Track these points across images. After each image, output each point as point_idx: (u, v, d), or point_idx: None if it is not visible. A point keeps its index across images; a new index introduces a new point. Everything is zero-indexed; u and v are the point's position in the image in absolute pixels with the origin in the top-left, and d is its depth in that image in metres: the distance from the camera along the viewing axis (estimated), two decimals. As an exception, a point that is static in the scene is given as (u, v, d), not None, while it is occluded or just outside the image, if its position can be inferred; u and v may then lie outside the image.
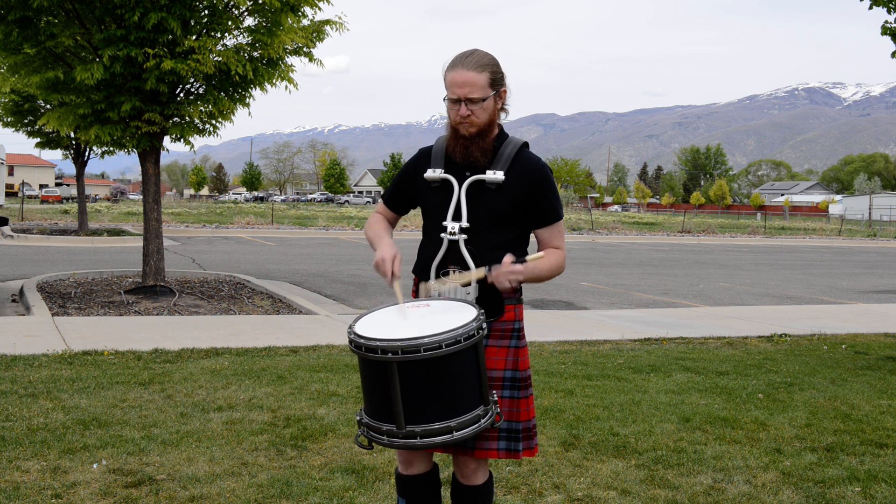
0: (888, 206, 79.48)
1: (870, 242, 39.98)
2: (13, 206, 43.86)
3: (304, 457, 4.47)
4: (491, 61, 2.88)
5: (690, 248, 29.99)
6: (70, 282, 12.43)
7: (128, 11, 9.68)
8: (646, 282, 16.56)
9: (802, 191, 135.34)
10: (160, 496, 3.83)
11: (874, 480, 4.35)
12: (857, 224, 67.57)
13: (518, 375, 2.93)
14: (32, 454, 4.33)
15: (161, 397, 5.63)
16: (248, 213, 44.54)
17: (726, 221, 63.90)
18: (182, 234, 28.05)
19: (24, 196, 39.28)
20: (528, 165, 2.93)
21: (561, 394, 6.10)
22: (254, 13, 10.70)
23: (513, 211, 2.91)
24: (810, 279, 18.60)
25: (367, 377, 2.72)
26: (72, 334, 8.03)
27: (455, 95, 2.84)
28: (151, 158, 11.12)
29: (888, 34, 8.86)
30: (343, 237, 29.69)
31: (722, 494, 4.10)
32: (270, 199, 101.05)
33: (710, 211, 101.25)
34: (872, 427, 5.44)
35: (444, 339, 2.55)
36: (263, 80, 10.78)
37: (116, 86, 10.27)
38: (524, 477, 4.28)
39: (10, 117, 22.89)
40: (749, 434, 5.20)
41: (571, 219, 46.45)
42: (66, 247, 21.09)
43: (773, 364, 7.67)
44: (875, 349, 8.79)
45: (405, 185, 3.10)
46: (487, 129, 2.90)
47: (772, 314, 11.74)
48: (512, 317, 2.93)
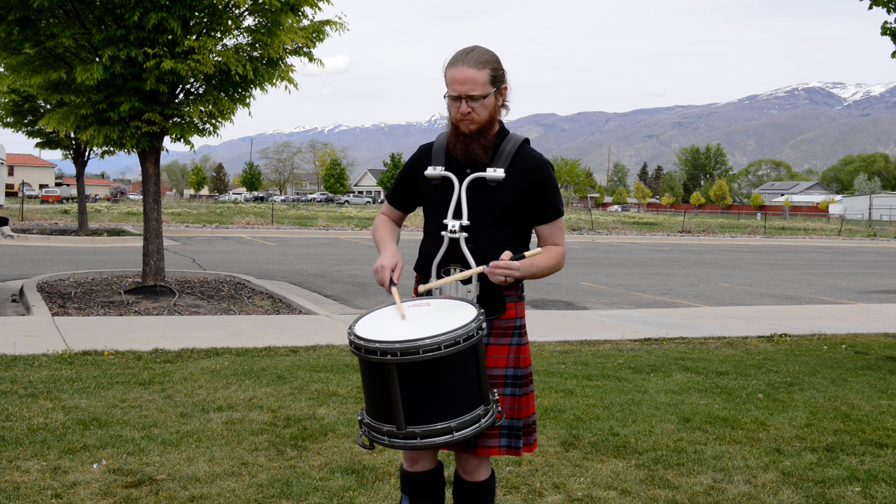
0: (888, 206, 79.46)
1: (870, 242, 39.97)
2: (13, 206, 43.86)
3: (304, 457, 4.47)
4: (492, 58, 2.87)
5: (690, 248, 29.99)
6: (70, 282, 12.43)
7: (128, 11, 9.68)
8: (646, 282, 16.56)
9: (802, 191, 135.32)
10: (160, 496, 3.83)
11: (874, 480, 4.35)
12: (857, 224, 67.56)
13: (519, 373, 2.92)
14: (32, 454, 4.33)
15: (161, 397, 5.63)
16: (248, 213, 44.54)
17: (726, 221, 63.89)
18: (182, 234, 28.05)
19: (24, 196, 39.27)
20: (529, 162, 2.92)
21: (561, 394, 6.10)
22: (254, 13, 10.70)
23: (514, 208, 2.90)
24: (810, 279, 18.60)
25: (367, 378, 2.72)
26: (72, 334, 8.04)
27: (456, 92, 2.83)
28: (151, 158, 11.12)
29: (888, 34, 8.86)
30: (343, 237, 29.68)
31: (722, 494, 4.10)
32: (270, 199, 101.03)
33: (710, 211, 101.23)
34: (872, 427, 5.44)
35: (443, 340, 2.54)
36: (263, 80, 10.79)
37: (116, 86, 10.27)
38: (524, 477, 4.28)
39: (10, 117, 22.90)
40: (749, 434, 5.19)
41: (571, 219, 46.44)
42: (66, 247, 21.09)
43: (773, 364, 7.67)
44: (875, 349, 8.79)
45: (407, 183, 3.10)
46: (488, 126, 2.89)
47: (772, 314, 11.74)
48: (513, 314, 2.93)
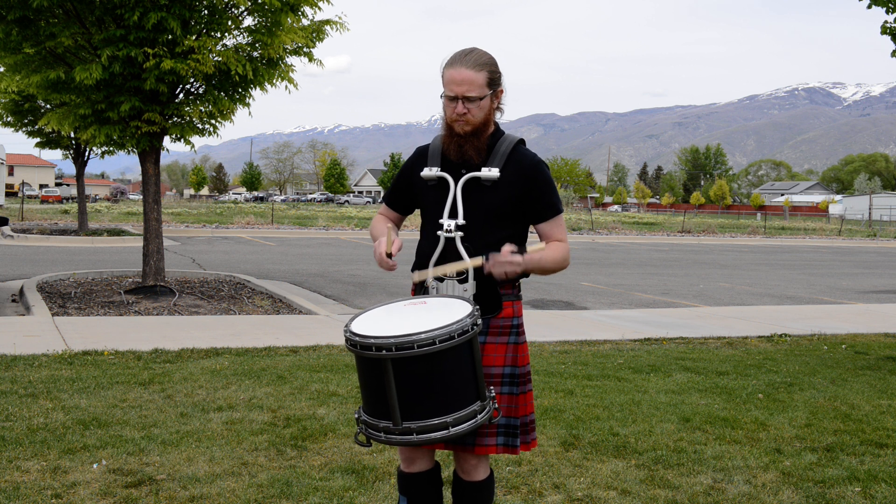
0: (888, 206, 79.43)
1: (870, 242, 39.96)
2: (13, 206, 43.84)
3: (304, 457, 4.47)
4: (489, 60, 2.88)
5: (690, 248, 29.99)
6: (70, 282, 12.43)
7: (127, 11, 9.68)
8: (646, 282, 16.56)
9: (802, 191, 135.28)
10: (160, 496, 3.83)
11: (874, 480, 4.35)
12: (857, 224, 67.55)
13: (517, 372, 2.93)
14: (32, 454, 4.33)
15: (161, 397, 5.63)
16: (248, 213, 44.54)
17: (726, 221, 63.89)
18: (182, 234, 28.05)
19: (24, 196, 39.31)
20: (523, 162, 2.92)
21: (561, 394, 6.10)
22: (253, 13, 10.70)
23: (509, 208, 2.91)
24: (810, 279, 18.60)
25: (363, 375, 2.73)
26: (72, 334, 8.03)
27: (452, 93, 2.84)
28: (151, 158, 11.12)
29: (888, 34, 8.86)
30: (343, 237, 29.68)
31: (722, 494, 4.10)
32: (270, 199, 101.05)
33: (710, 211, 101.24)
34: (872, 427, 5.44)
35: (437, 335, 2.55)
36: (263, 79, 10.79)
37: (116, 86, 10.27)
38: (524, 477, 4.28)
39: (10, 117, 22.90)
40: (749, 434, 5.19)
41: (571, 219, 46.44)
42: (66, 247, 21.08)
43: (773, 364, 7.67)
44: (875, 349, 8.79)
45: (403, 185, 3.11)
46: (483, 127, 2.90)
47: (772, 314, 11.74)
48: (510, 313, 2.93)
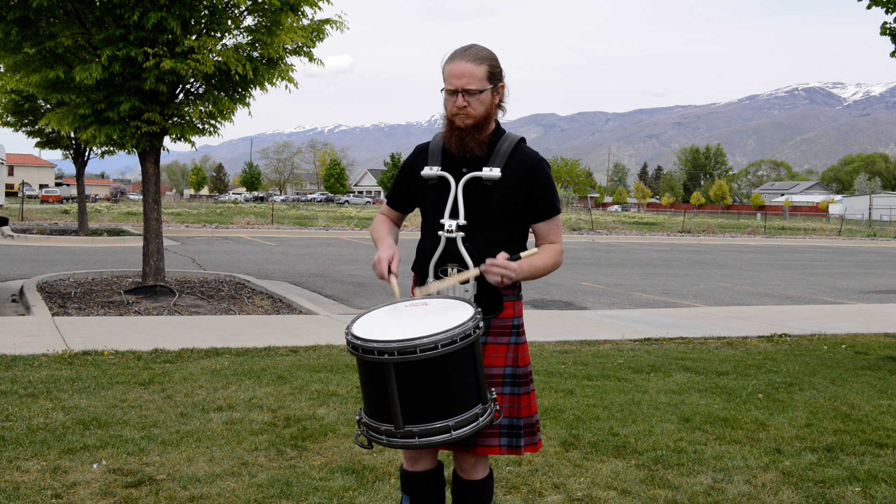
0: (888, 206, 79.43)
1: (870, 242, 39.96)
2: (13, 206, 43.83)
3: (304, 457, 4.47)
4: (489, 55, 2.89)
5: (690, 248, 29.99)
6: (70, 282, 12.42)
7: (127, 11, 9.68)
8: (646, 282, 16.55)
9: (802, 191, 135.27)
10: (160, 496, 3.83)
11: (874, 480, 4.35)
12: (857, 224, 67.55)
13: (518, 372, 2.93)
14: (32, 454, 4.33)
15: (161, 397, 5.63)
16: (248, 213, 44.52)
17: (726, 221, 63.88)
18: (182, 234, 28.05)
19: (24, 196, 39.31)
20: (525, 160, 2.93)
21: (561, 394, 6.10)
22: (253, 12, 10.70)
23: (510, 207, 2.91)
24: (810, 279, 18.60)
25: (364, 378, 2.72)
26: (72, 334, 8.03)
27: (453, 86, 2.85)
28: (151, 158, 11.12)
29: (888, 34, 8.86)
30: (343, 237, 29.68)
31: (722, 494, 4.10)
32: (270, 199, 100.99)
33: (710, 211, 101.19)
34: (872, 427, 5.44)
35: (440, 339, 2.54)
36: (263, 79, 10.78)
37: (116, 85, 10.26)
38: (524, 477, 4.28)
39: (10, 117, 22.89)
40: (749, 434, 5.19)
41: (571, 219, 46.43)
42: (66, 247, 21.08)
43: (773, 364, 7.67)
44: (875, 349, 8.79)
45: (403, 184, 3.11)
46: (483, 122, 2.90)
47: (772, 314, 11.74)
48: (511, 313, 2.93)
